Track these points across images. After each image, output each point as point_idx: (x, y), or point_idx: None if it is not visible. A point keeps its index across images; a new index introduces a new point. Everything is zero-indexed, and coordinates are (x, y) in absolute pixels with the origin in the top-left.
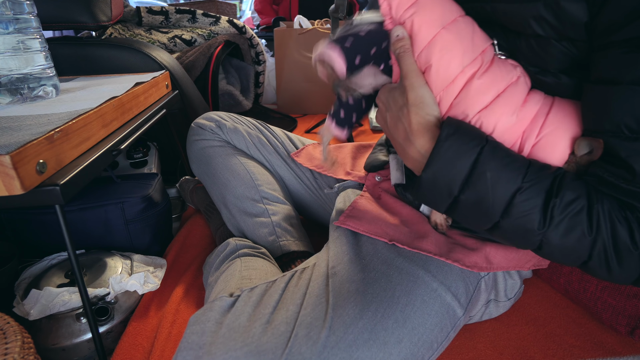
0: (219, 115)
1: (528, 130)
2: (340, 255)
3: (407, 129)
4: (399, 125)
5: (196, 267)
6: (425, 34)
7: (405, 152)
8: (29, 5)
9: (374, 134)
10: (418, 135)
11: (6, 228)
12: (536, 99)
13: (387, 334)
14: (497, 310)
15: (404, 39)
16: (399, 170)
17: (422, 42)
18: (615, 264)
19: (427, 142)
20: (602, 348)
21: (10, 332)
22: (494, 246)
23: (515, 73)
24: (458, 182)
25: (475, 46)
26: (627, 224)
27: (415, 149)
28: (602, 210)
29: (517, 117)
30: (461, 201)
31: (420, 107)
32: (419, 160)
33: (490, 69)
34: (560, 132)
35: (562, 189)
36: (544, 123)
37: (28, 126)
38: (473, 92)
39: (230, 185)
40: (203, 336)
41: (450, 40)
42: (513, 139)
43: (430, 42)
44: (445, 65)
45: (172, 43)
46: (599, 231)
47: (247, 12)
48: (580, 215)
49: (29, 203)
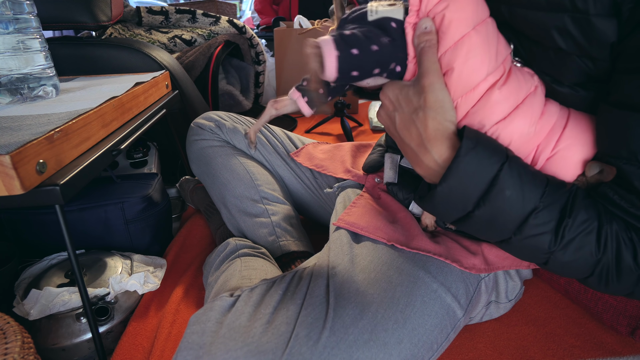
0: (218, 115)
1: (544, 143)
2: (340, 256)
3: (423, 135)
4: (412, 128)
5: (196, 267)
6: (454, 33)
7: (418, 158)
8: (29, 5)
9: (374, 134)
10: (435, 143)
11: (6, 228)
12: (552, 110)
13: (387, 335)
14: (497, 312)
15: (432, 32)
16: (392, 170)
17: (449, 42)
18: (615, 281)
19: (445, 150)
20: (602, 348)
21: (10, 332)
22: (488, 246)
23: (532, 82)
24: (474, 197)
25: (499, 53)
26: (632, 246)
27: (431, 157)
28: (610, 231)
29: (534, 129)
30: (474, 216)
31: (438, 111)
32: (434, 169)
33: (510, 78)
34: (577, 147)
35: (576, 208)
36: (561, 137)
37: (28, 126)
38: (492, 102)
39: (230, 185)
40: (203, 336)
41: (478, 43)
42: (528, 151)
43: (457, 42)
44: (470, 70)
45: (172, 43)
46: (605, 251)
47: (247, 12)
48: (590, 236)
49: (29, 203)
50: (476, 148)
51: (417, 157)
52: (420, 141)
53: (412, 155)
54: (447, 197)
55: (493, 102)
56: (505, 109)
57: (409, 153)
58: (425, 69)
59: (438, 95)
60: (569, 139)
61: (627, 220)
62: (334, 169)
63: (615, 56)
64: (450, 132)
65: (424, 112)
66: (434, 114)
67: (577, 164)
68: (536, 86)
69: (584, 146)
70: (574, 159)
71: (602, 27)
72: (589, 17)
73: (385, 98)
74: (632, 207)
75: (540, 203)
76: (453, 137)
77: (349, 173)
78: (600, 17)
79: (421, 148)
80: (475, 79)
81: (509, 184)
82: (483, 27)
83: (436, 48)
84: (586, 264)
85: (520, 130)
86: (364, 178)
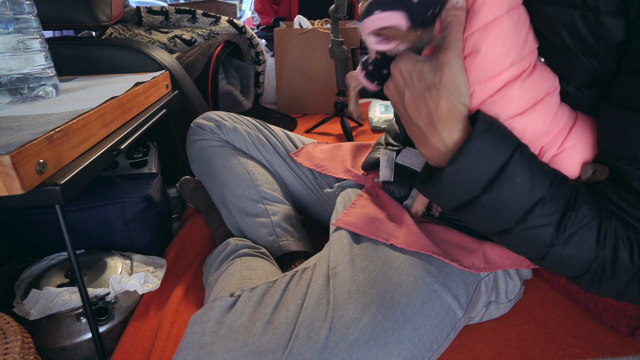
0: (218, 115)
1: (552, 141)
2: (340, 256)
3: (434, 114)
4: (421, 106)
5: (196, 267)
6: (487, 14)
7: (425, 138)
8: (29, 5)
9: (374, 134)
10: (446, 124)
11: (6, 228)
12: (564, 111)
13: (388, 335)
14: (497, 312)
15: (462, 8)
16: (387, 167)
17: (479, 22)
18: (609, 280)
19: (457, 133)
20: (602, 348)
21: (10, 332)
22: (490, 245)
23: (554, 82)
24: (483, 182)
25: (527, 45)
26: (629, 244)
27: (439, 138)
28: (609, 227)
29: (547, 128)
30: (480, 202)
31: (453, 92)
32: (441, 151)
33: (534, 73)
34: (582, 147)
35: (579, 202)
36: (567, 136)
37: (28, 126)
38: (512, 96)
39: (230, 185)
40: (203, 336)
41: (508, 30)
42: (536, 148)
43: (488, 25)
44: (496, 56)
45: (172, 43)
46: (603, 248)
47: (247, 12)
48: (591, 232)
49: (29, 203)
50: (490, 131)
51: (424, 137)
52: (430, 121)
53: (419, 135)
54: (455, 179)
55: (512, 95)
56: (524, 104)
57: (416, 133)
58: (447, 44)
59: (455, 76)
60: (575, 138)
61: (625, 218)
62: (334, 169)
63: (620, 56)
64: (463, 114)
65: (437, 91)
66: (448, 94)
67: (579, 164)
68: (556, 87)
69: (587, 147)
70: (577, 159)
71: (610, 25)
72: (598, 15)
73: (396, 71)
74: (630, 206)
75: (548, 193)
76: (465, 120)
77: (349, 173)
78: (609, 15)
79: (430, 128)
80: (499, 66)
81: (519, 171)
82: (516, 14)
83: (463, 25)
84: (584, 260)
85: (534, 127)
86: (364, 178)
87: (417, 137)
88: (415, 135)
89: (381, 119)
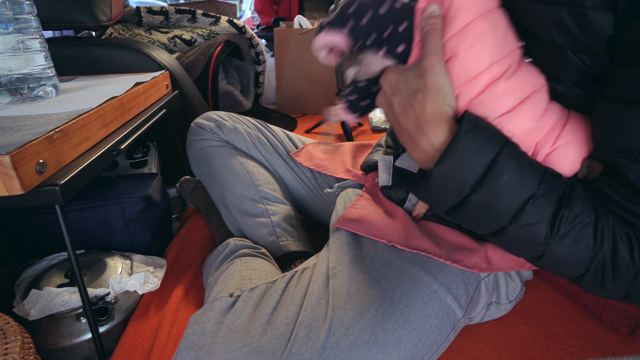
0: (218, 115)
1: (544, 139)
2: (340, 256)
3: (420, 117)
4: (409, 111)
5: (196, 267)
6: (461, 19)
7: (415, 142)
8: (29, 5)
9: (374, 134)
10: (433, 125)
11: (6, 228)
12: (555, 109)
13: (387, 335)
14: (498, 313)
15: (437, 16)
16: (385, 172)
17: (455, 27)
18: (611, 279)
19: (443, 133)
20: (602, 348)
21: (10, 332)
22: (493, 246)
23: (540, 80)
24: (471, 181)
25: (507, 44)
26: (629, 241)
27: (427, 140)
28: (607, 225)
29: (537, 125)
30: (470, 202)
31: (437, 94)
32: (430, 153)
33: (518, 72)
34: (575, 144)
35: (572, 199)
36: (560, 134)
37: (28, 126)
38: (498, 94)
39: (230, 185)
40: (203, 336)
41: (484, 30)
42: (529, 146)
43: (463, 28)
44: (473, 56)
45: (172, 43)
46: (601, 246)
47: (247, 12)
48: (587, 229)
49: (29, 203)
50: (476, 129)
51: (413, 141)
52: (417, 124)
53: (409, 140)
54: (444, 179)
55: (499, 94)
56: (510, 102)
57: (406, 138)
58: (427, 51)
59: (438, 79)
60: (568, 135)
61: (623, 215)
62: (334, 169)
63: (612, 50)
64: (449, 115)
65: (422, 95)
66: (433, 97)
67: (574, 161)
68: (542, 85)
69: (582, 144)
70: (572, 156)
71: (599, 20)
72: (585, 10)
73: (385, 82)
74: (628, 201)
75: (538, 190)
76: (451, 121)
77: (349, 173)
78: (597, 10)
79: (418, 131)
80: (479, 66)
81: (508, 168)
82: (491, 15)
83: (440, 32)
84: (582, 258)
85: (523, 125)
86: (364, 178)
87: (408, 142)
88: (406, 141)
89: (381, 119)
